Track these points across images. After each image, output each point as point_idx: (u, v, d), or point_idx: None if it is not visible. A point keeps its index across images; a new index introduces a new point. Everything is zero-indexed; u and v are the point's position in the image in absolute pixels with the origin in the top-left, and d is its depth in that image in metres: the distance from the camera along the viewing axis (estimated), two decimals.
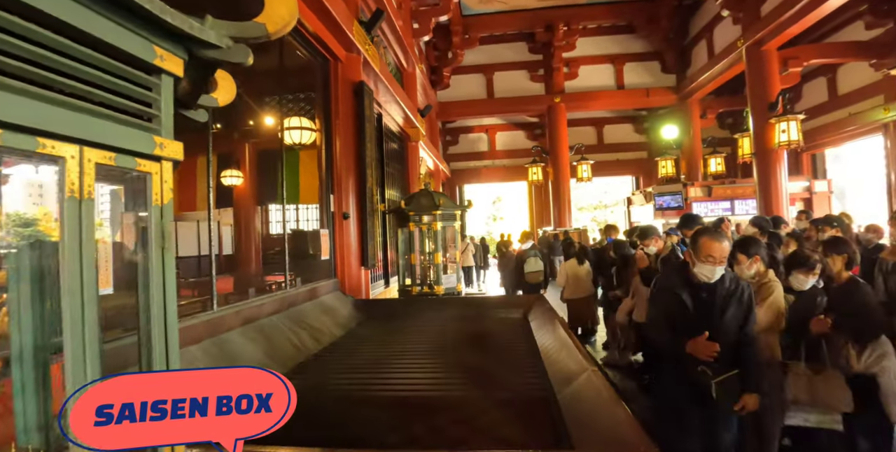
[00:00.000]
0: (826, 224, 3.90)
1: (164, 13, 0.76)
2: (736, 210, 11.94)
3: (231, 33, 0.91)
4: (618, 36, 13.93)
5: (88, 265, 0.70)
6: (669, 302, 2.55)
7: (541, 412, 2.65)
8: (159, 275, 0.84)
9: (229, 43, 0.92)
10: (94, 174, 0.72)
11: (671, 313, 2.55)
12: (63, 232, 0.68)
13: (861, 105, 10.43)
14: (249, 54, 0.95)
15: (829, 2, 7.59)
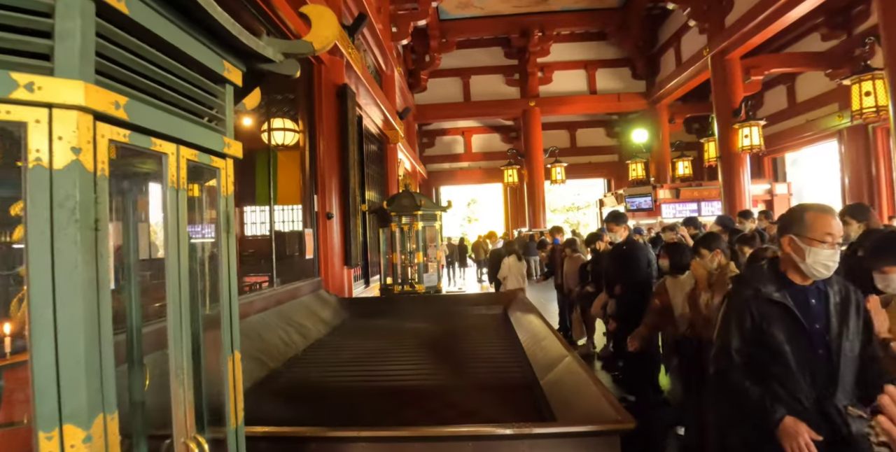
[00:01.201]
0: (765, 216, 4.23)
1: (241, 34, 0.92)
2: (702, 211, 12.46)
3: (283, 50, 1.08)
4: (590, 42, 14.36)
5: (183, 242, 0.86)
6: (766, 316, 1.78)
7: (526, 396, 2.85)
8: (226, 254, 1.00)
9: (281, 58, 1.08)
10: (186, 168, 0.87)
11: (770, 336, 1.77)
12: (166, 217, 0.83)
13: (818, 112, 11.03)
14: (298, 67, 1.11)
15: (789, 14, 8.06)
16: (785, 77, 11.87)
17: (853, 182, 10.40)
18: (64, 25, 0.65)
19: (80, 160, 0.65)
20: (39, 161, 0.63)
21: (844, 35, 9.92)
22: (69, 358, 0.63)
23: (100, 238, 0.67)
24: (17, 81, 0.61)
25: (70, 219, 0.63)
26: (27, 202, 0.62)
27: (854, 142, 10.22)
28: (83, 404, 0.63)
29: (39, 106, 0.63)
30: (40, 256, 0.62)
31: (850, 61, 9.20)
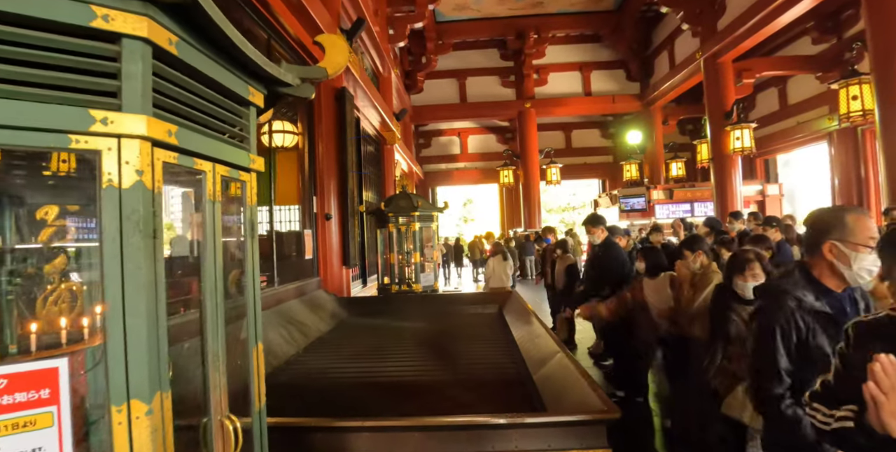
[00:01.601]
0: (767, 225, 4.38)
1: (266, 64, 1.05)
2: (695, 212, 12.64)
3: (300, 75, 1.21)
4: (585, 45, 14.52)
5: (219, 246, 0.99)
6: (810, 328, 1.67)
7: (519, 390, 3.00)
8: (251, 257, 1.14)
9: (298, 82, 1.22)
10: (220, 183, 1.01)
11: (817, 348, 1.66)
12: (204, 225, 0.97)
13: (808, 114, 11.23)
14: (313, 91, 1.25)
15: (780, 18, 8.22)
16: (776, 80, 12.06)
17: (843, 183, 10.60)
18: (129, 68, 0.79)
19: (142, 180, 0.78)
20: (111, 182, 0.76)
21: (834, 39, 10.11)
22: (135, 344, 0.76)
23: (157, 245, 0.80)
24: (94, 117, 0.75)
25: (135, 230, 0.77)
26: (101, 215, 0.75)
27: (843, 145, 10.42)
28: (145, 383, 0.77)
29: (111, 136, 0.76)
30: (112, 260, 0.75)
31: (840, 65, 9.39)
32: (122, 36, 0.78)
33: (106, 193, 0.76)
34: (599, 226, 4.76)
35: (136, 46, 0.79)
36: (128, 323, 0.75)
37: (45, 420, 0.71)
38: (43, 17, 0.72)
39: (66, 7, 0.73)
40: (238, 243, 1.15)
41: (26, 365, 0.72)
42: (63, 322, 0.99)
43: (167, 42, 0.84)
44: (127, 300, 0.76)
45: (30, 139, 0.71)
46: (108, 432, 0.74)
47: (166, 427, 0.80)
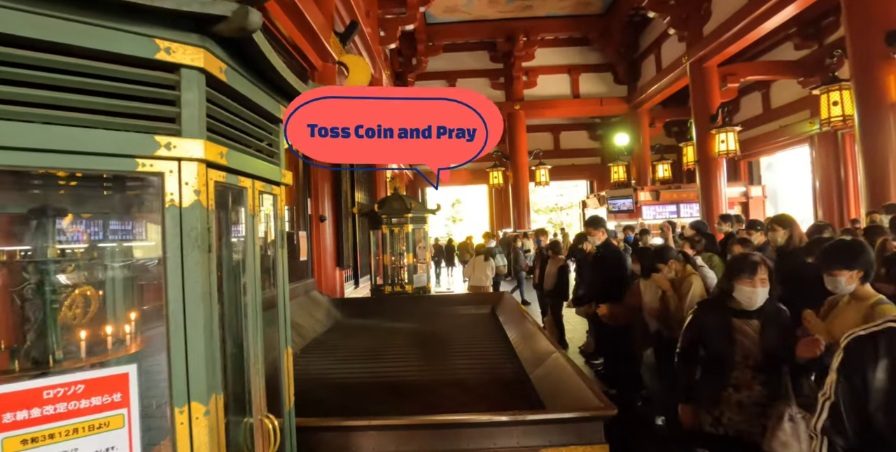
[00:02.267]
0: (751, 228, 4.53)
1: (297, 84, 1.13)
2: (681, 213, 12.87)
3: None
4: (574, 48, 14.68)
5: (258, 256, 1.06)
6: None
7: (517, 389, 3.08)
8: (281, 266, 1.21)
9: None
10: (257, 198, 1.08)
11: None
12: (247, 233, 1.04)
13: (791, 118, 11.50)
14: None
15: (764, 25, 8.43)
16: (760, 84, 12.33)
17: (823, 185, 10.89)
18: (186, 96, 0.85)
19: (199, 199, 0.85)
20: (173, 201, 0.83)
21: (815, 45, 10.38)
22: (195, 351, 0.83)
23: (211, 259, 0.87)
24: (159, 142, 0.81)
25: (194, 245, 0.84)
26: (164, 232, 0.82)
27: (824, 148, 10.70)
28: (203, 386, 0.84)
29: (172, 160, 0.83)
30: (174, 274, 0.82)
31: (821, 70, 9.64)
32: (180, 66, 0.84)
33: (168, 212, 0.82)
34: (600, 229, 4.84)
35: (193, 75, 0.86)
36: (189, 331, 0.82)
37: (117, 422, 0.77)
38: (113, 51, 0.78)
39: (134, 41, 0.80)
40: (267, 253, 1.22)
41: (100, 371, 0.78)
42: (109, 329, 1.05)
43: (218, 70, 0.90)
44: (188, 310, 0.82)
45: (102, 163, 0.78)
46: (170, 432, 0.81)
47: (220, 427, 0.87)
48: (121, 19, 0.77)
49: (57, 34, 0.73)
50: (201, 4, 0.78)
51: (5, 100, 0.71)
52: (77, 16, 0.74)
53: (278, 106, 1.19)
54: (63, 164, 0.74)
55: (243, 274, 1.07)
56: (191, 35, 0.84)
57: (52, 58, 0.74)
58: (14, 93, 0.72)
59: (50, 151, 0.73)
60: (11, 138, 0.70)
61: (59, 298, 1.07)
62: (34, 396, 0.71)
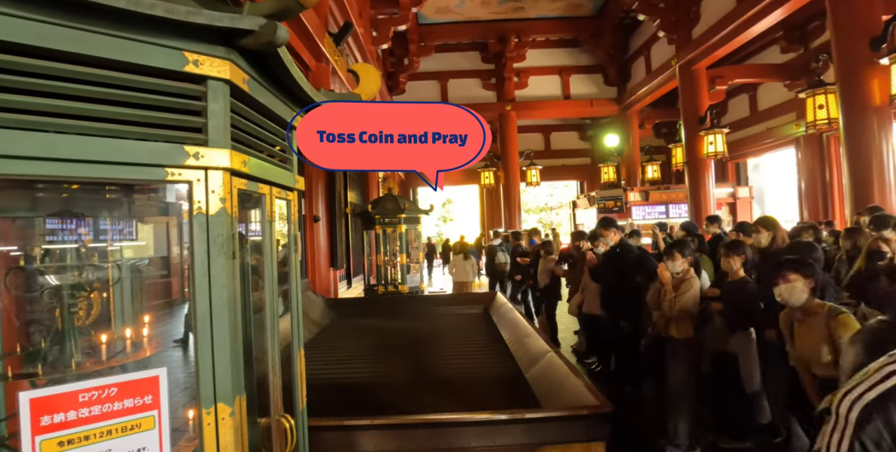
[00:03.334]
0: (740, 230, 4.63)
1: (316, 97, 1.15)
2: (670, 213, 13.01)
3: (336, 100, 1.31)
4: (565, 49, 14.78)
5: (273, 256, 1.09)
6: None
7: (513, 388, 3.13)
8: (295, 270, 1.23)
9: None
10: (274, 203, 1.10)
11: None
12: (265, 238, 1.07)
13: (777, 120, 11.69)
14: None
15: (752, 28, 8.56)
16: (747, 86, 12.51)
17: (809, 186, 11.08)
18: (213, 107, 0.88)
19: (224, 207, 0.88)
20: (200, 209, 0.85)
21: (801, 49, 10.56)
22: (221, 354, 0.86)
23: (235, 265, 0.90)
24: (188, 152, 0.84)
25: (220, 251, 0.86)
26: (192, 239, 0.85)
27: (810, 150, 10.90)
28: (229, 388, 0.86)
29: (200, 169, 0.85)
30: (201, 279, 0.85)
31: (807, 73, 9.82)
32: (207, 78, 0.87)
33: (196, 220, 0.85)
34: (611, 229, 4.87)
35: (219, 86, 0.89)
36: (215, 335, 0.85)
37: (148, 423, 0.80)
38: (143, 63, 0.81)
39: (164, 54, 0.82)
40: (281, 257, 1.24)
41: (132, 374, 0.81)
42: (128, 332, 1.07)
43: (242, 81, 0.93)
44: (214, 315, 0.85)
45: (133, 173, 0.80)
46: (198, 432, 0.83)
47: (243, 427, 0.90)
48: (152, 33, 0.79)
49: (91, 47, 0.75)
50: (231, 19, 0.81)
51: (41, 112, 0.74)
52: (111, 30, 0.76)
53: (292, 113, 1.21)
54: (96, 174, 0.76)
55: (260, 278, 1.10)
56: (218, 48, 0.87)
57: (86, 70, 0.77)
58: (49, 104, 0.75)
59: (83, 162, 0.75)
60: (46, 149, 0.73)
61: (76, 302, 1.09)
62: (70, 399, 0.73)
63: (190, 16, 0.77)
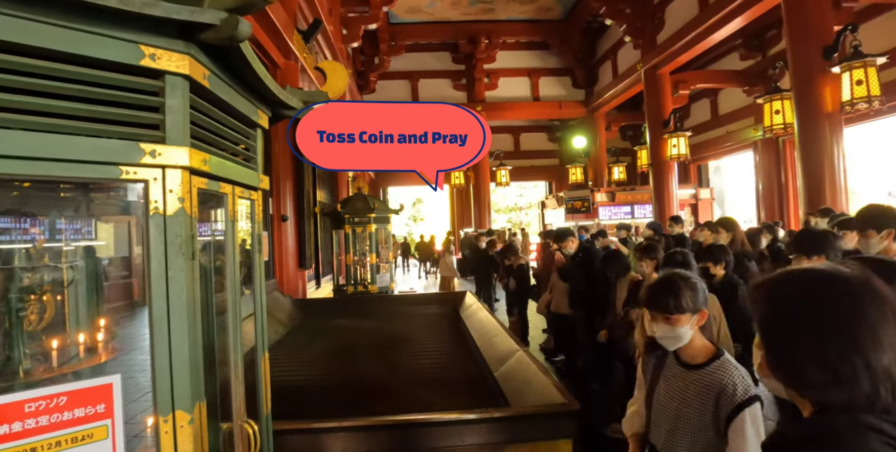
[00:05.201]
0: (708, 228, 4.78)
1: (279, 92, 1.13)
2: (635, 213, 13.32)
3: (303, 98, 1.29)
4: (534, 51, 14.96)
5: (235, 256, 1.06)
6: None
7: (481, 387, 3.14)
8: (258, 271, 1.20)
9: (300, 105, 1.29)
10: (237, 203, 1.07)
11: None
12: (227, 239, 1.03)
13: (737, 124, 12.11)
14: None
15: (714, 35, 8.84)
16: (708, 91, 12.92)
17: (766, 188, 11.52)
18: (171, 103, 0.85)
19: (183, 207, 0.85)
20: (157, 209, 0.82)
21: (760, 56, 10.97)
22: (179, 359, 0.83)
23: (195, 266, 0.87)
24: (144, 150, 0.81)
25: (178, 253, 0.83)
26: (148, 240, 0.82)
27: (767, 153, 11.33)
28: (188, 395, 0.83)
29: (157, 167, 0.82)
30: (158, 282, 0.82)
31: (765, 80, 10.20)
32: (165, 73, 0.84)
33: (153, 220, 0.82)
34: (568, 239, 5.01)
35: (178, 82, 0.86)
36: (173, 340, 0.82)
37: (100, 433, 0.76)
38: (96, 57, 0.77)
39: (118, 47, 0.79)
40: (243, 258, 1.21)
41: (83, 382, 0.77)
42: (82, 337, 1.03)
43: (202, 76, 0.90)
44: (172, 319, 0.82)
45: (85, 171, 0.76)
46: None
47: (203, 434, 0.87)
48: (106, 25, 0.76)
49: (40, 38, 0.71)
50: (190, 12, 0.78)
51: None
52: (61, 20, 0.72)
53: (256, 110, 1.18)
54: (45, 172, 0.72)
55: (222, 279, 1.07)
56: (176, 42, 0.84)
57: (33, 62, 0.73)
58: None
59: (31, 159, 0.71)
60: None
61: (24, 306, 1.04)
62: (15, 410, 0.69)
63: (145, 8, 0.74)
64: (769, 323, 0.83)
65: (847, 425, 0.72)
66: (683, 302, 1.51)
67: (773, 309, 0.82)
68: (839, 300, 0.76)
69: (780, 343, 0.80)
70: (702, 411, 1.48)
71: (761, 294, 0.84)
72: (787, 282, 0.82)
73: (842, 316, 0.75)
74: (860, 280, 0.77)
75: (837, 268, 0.80)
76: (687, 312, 1.51)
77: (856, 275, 0.78)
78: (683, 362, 1.59)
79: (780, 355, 0.79)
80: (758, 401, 1.44)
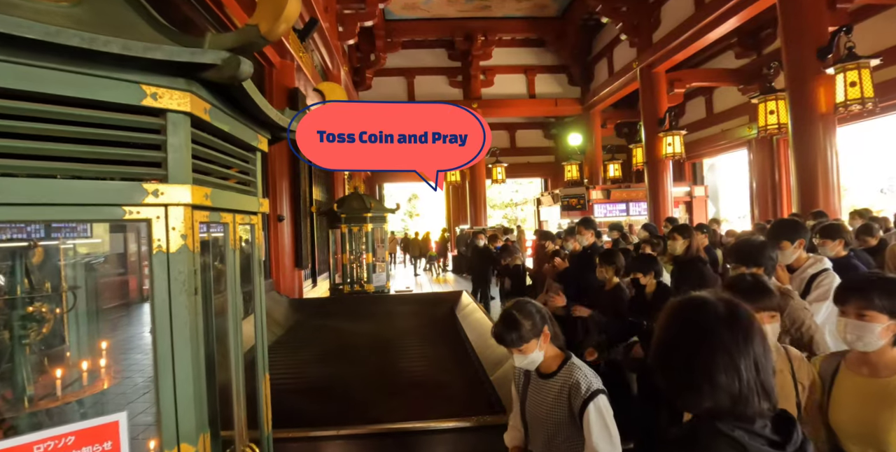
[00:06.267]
0: (698, 230, 4.80)
1: (279, 118, 1.14)
2: (630, 211, 13.38)
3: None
4: (530, 48, 14.92)
5: (235, 276, 1.07)
6: None
7: (478, 391, 3.17)
8: (259, 294, 1.22)
9: None
10: (238, 231, 1.09)
11: None
12: (228, 268, 1.05)
13: (731, 123, 12.15)
14: None
15: (709, 34, 8.85)
16: (704, 90, 12.94)
17: (760, 186, 11.59)
18: (172, 140, 0.86)
19: (186, 244, 0.86)
20: (160, 247, 0.83)
21: (755, 54, 11.00)
22: (183, 394, 0.84)
23: (198, 300, 0.89)
24: (146, 190, 0.82)
25: (181, 289, 0.85)
26: (152, 278, 0.83)
27: (761, 152, 11.38)
28: (193, 427, 0.85)
29: (159, 206, 0.83)
30: (162, 318, 0.83)
31: (759, 79, 10.22)
32: (167, 111, 0.85)
33: (156, 258, 0.83)
34: (590, 230, 4.80)
35: (179, 119, 0.87)
36: (177, 375, 0.84)
37: None
38: (98, 99, 0.78)
39: (120, 88, 0.80)
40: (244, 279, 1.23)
41: (91, 421, 0.78)
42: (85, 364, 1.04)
43: (203, 111, 0.91)
44: (176, 354, 0.84)
45: (89, 213, 0.78)
46: None
47: None
48: (109, 68, 0.77)
49: (44, 85, 0.72)
50: (192, 54, 0.79)
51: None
52: (65, 66, 0.73)
53: (256, 135, 1.19)
54: (49, 217, 0.74)
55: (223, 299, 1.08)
56: (178, 80, 0.85)
57: (37, 107, 0.73)
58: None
59: (36, 205, 0.72)
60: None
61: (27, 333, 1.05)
62: (25, 451, 0.70)
63: (148, 52, 0.75)
64: (655, 346, 0.95)
65: (705, 431, 0.85)
66: (524, 333, 1.69)
67: (659, 333, 0.95)
68: (699, 326, 0.89)
69: (661, 362, 0.93)
70: (562, 411, 1.69)
71: (658, 319, 0.97)
72: (669, 310, 0.96)
73: (700, 340, 0.88)
74: (723, 307, 0.90)
75: (707, 298, 0.93)
76: (531, 339, 1.70)
77: (722, 303, 0.91)
78: (541, 373, 1.80)
79: (663, 372, 0.92)
80: (601, 394, 1.65)
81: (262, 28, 0.84)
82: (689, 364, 0.87)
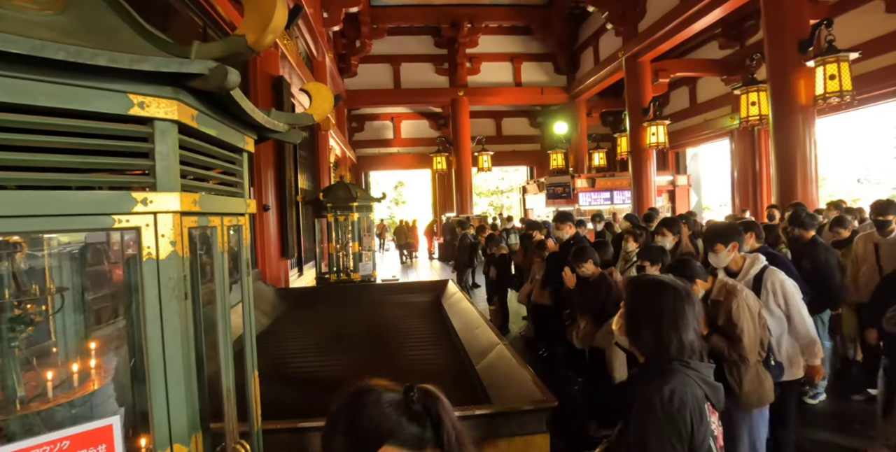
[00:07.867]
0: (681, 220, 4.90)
1: (266, 122, 1.15)
2: (614, 199, 13.53)
3: (289, 121, 1.30)
4: (517, 36, 14.85)
5: (224, 278, 1.09)
6: None
7: (463, 380, 3.23)
8: (247, 293, 1.24)
9: (286, 128, 1.31)
10: (227, 234, 1.10)
11: None
12: (216, 270, 1.07)
13: (714, 113, 12.28)
14: (301, 136, 1.34)
15: (694, 24, 8.91)
16: (687, 79, 13.04)
17: (741, 175, 11.78)
18: (160, 148, 0.87)
19: (175, 250, 0.88)
20: (150, 254, 0.85)
21: (738, 45, 11.09)
22: (176, 397, 0.87)
23: (188, 306, 0.90)
24: (135, 199, 0.83)
25: (172, 295, 0.87)
26: (142, 285, 0.85)
27: (742, 142, 11.55)
28: (185, 428, 0.88)
29: (148, 214, 0.85)
30: (153, 324, 0.85)
31: (742, 70, 10.34)
32: (154, 119, 0.86)
33: (146, 265, 0.85)
34: (567, 222, 4.88)
35: (166, 127, 0.87)
36: (169, 379, 0.86)
37: None
38: (85, 109, 0.79)
39: (107, 98, 0.80)
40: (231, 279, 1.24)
41: (86, 425, 0.80)
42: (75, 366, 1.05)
43: (190, 118, 0.92)
44: (168, 359, 0.86)
45: (78, 223, 0.79)
46: None
47: None
48: (96, 79, 0.77)
49: (30, 97, 0.73)
50: (179, 64, 0.80)
51: None
52: (51, 78, 0.73)
53: (242, 137, 1.20)
54: (39, 228, 0.75)
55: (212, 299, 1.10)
56: (165, 89, 0.85)
57: (24, 118, 0.74)
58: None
59: (23, 217, 0.73)
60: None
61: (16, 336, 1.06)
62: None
63: (135, 63, 0.76)
64: (628, 307, 1.44)
65: (663, 364, 1.32)
66: None
67: (629, 300, 1.44)
68: (660, 297, 1.37)
69: (631, 319, 1.42)
70: None
71: (628, 289, 1.49)
72: (637, 284, 1.48)
73: (661, 306, 1.35)
74: (675, 283, 1.39)
75: (664, 276, 1.44)
76: None
77: (673, 280, 1.41)
78: None
79: (631, 326, 1.41)
80: None
81: (249, 39, 0.84)
82: (651, 325, 1.35)
